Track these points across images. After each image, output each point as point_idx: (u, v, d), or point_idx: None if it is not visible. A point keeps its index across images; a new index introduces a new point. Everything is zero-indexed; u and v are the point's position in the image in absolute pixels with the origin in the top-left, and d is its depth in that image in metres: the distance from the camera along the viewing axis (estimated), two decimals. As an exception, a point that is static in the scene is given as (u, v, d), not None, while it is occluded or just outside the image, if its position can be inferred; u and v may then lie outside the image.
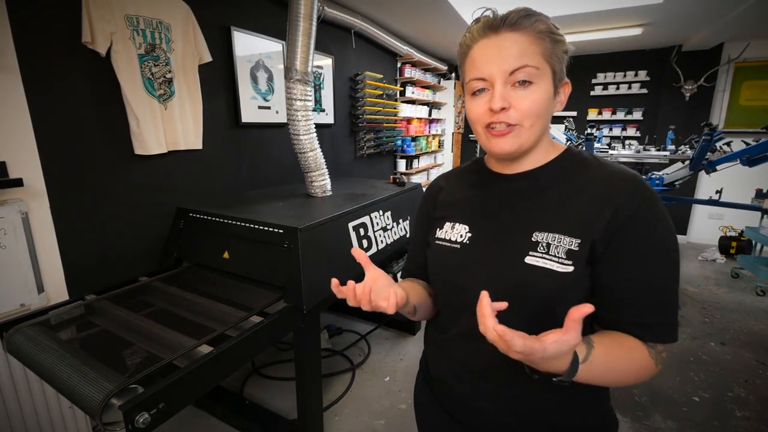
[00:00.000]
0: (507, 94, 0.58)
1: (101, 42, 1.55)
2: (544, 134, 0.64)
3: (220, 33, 2.15)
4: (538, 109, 0.59)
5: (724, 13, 3.12)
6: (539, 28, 0.58)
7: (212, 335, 1.18)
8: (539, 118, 0.59)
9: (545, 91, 0.59)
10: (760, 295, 3.21)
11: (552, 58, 0.59)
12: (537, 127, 0.60)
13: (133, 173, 1.78)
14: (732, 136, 3.89)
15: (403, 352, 2.41)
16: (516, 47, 0.57)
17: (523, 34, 0.57)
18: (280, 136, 2.64)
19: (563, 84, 0.63)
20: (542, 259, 0.59)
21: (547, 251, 0.59)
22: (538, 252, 0.60)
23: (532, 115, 0.58)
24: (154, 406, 0.89)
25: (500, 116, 0.59)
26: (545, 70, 0.59)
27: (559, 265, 0.58)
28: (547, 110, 0.60)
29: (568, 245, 0.58)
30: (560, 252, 0.58)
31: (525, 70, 0.57)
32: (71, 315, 1.34)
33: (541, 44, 0.58)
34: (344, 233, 1.71)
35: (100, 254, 1.69)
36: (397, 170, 4.50)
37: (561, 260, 0.58)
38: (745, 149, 2.73)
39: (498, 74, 0.58)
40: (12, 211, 1.35)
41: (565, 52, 0.61)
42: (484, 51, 0.59)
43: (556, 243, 0.59)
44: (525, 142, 0.61)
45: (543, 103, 0.59)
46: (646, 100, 4.70)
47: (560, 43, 0.60)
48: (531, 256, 0.60)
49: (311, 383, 1.53)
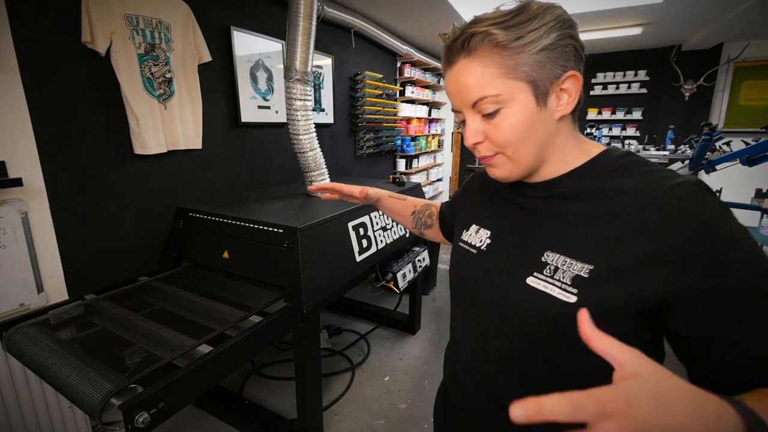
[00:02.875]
0: (479, 127, 0.53)
1: (101, 42, 1.55)
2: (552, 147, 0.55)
3: (219, 33, 2.15)
4: (513, 136, 0.52)
5: (724, 13, 3.12)
6: (493, 41, 0.49)
7: (212, 335, 1.18)
8: (522, 142, 0.52)
9: (521, 112, 0.51)
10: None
11: (520, 71, 0.49)
12: (522, 152, 0.53)
13: (132, 173, 1.78)
14: (731, 136, 3.89)
15: (402, 351, 2.41)
16: (471, 77, 0.51)
17: (476, 57, 0.50)
18: (280, 136, 2.64)
19: (562, 81, 0.51)
20: (543, 282, 0.52)
21: (553, 275, 0.52)
22: (544, 274, 0.53)
23: (509, 143, 0.53)
24: (154, 406, 0.89)
25: (479, 149, 0.55)
26: (514, 90, 0.50)
27: (561, 291, 0.50)
28: (532, 130, 0.52)
29: (577, 270, 0.49)
30: (566, 277, 0.50)
31: (485, 101, 0.51)
32: (71, 315, 1.34)
33: (500, 62, 0.49)
34: (344, 233, 1.70)
35: (100, 254, 1.69)
36: (396, 170, 4.50)
37: (564, 287, 0.50)
38: (745, 149, 2.73)
39: (463, 108, 0.54)
40: (11, 211, 1.35)
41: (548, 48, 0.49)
42: (447, 85, 0.55)
43: (565, 268, 0.51)
44: (514, 169, 0.55)
45: (521, 127, 0.51)
46: (645, 100, 4.71)
47: (529, 44, 0.48)
48: (534, 277, 0.53)
49: (311, 383, 1.53)
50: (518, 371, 0.57)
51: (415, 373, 2.19)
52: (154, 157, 1.84)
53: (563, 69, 0.51)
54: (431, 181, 5.21)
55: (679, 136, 4.33)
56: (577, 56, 0.52)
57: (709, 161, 2.94)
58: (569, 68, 0.51)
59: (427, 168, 5.07)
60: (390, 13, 3.21)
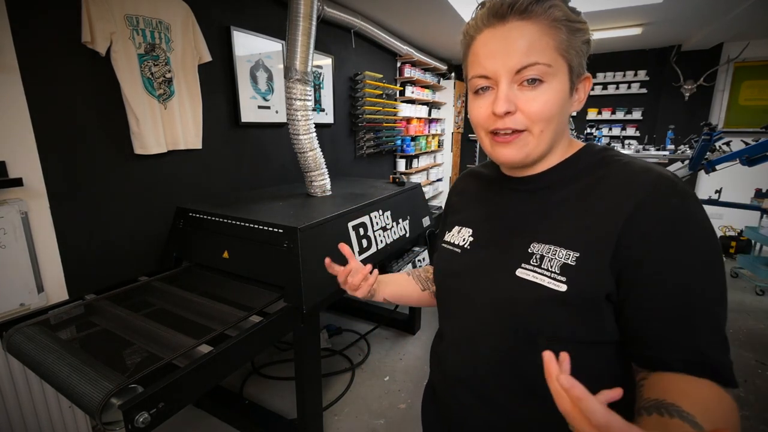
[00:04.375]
0: (513, 96, 0.50)
1: (101, 42, 1.55)
2: (560, 137, 0.56)
3: (219, 33, 2.15)
4: (549, 112, 0.50)
5: (724, 13, 3.12)
6: (554, 15, 0.49)
7: (212, 335, 1.18)
8: (551, 122, 0.51)
9: (559, 90, 0.50)
10: (760, 294, 3.21)
11: (569, 52, 0.50)
12: (548, 132, 0.52)
13: (132, 173, 1.78)
14: (731, 136, 3.89)
15: (402, 351, 2.41)
16: (525, 40, 0.48)
17: (535, 23, 0.49)
18: (280, 136, 2.64)
19: (582, 79, 0.54)
20: (532, 273, 0.52)
21: (540, 264, 0.52)
22: (531, 264, 0.53)
23: (542, 119, 0.50)
24: (154, 406, 0.89)
25: (505, 121, 0.51)
26: (560, 66, 0.50)
27: (551, 280, 0.50)
28: (561, 112, 0.52)
29: (564, 258, 0.50)
30: (554, 266, 0.50)
31: (535, 68, 0.49)
32: (71, 315, 1.34)
33: (556, 35, 0.49)
34: (344, 233, 1.70)
35: (100, 254, 1.69)
36: (396, 170, 4.50)
37: (554, 276, 0.50)
38: (745, 149, 2.74)
39: (503, 72, 0.50)
40: (12, 211, 1.35)
41: (585, 43, 0.52)
42: (488, 44, 0.51)
43: (551, 255, 0.51)
44: (533, 150, 0.53)
45: (556, 105, 0.50)
46: (645, 100, 4.71)
47: (580, 32, 0.51)
48: (523, 268, 0.53)
49: (311, 383, 1.53)
50: (509, 367, 0.56)
51: (415, 373, 2.19)
52: (154, 157, 1.84)
53: (584, 69, 0.54)
54: (431, 181, 5.21)
55: (679, 136, 4.33)
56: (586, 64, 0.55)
57: (708, 161, 2.94)
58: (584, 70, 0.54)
59: (427, 168, 5.07)
60: (390, 13, 3.21)
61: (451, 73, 5.40)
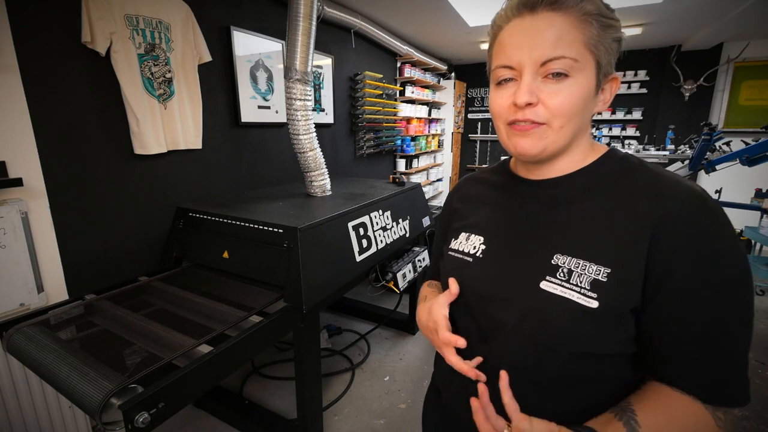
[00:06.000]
0: (536, 87, 0.49)
1: (101, 42, 1.55)
2: (581, 137, 0.54)
3: (219, 33, 2.15)
4: (571, 108, 0.49)
5: (724, 13, 3.12)
6: (586, 8, 0.47)
7: (212, 335, 1.18)
8: (572, 118, 0.50)
9: (584, 87, 0.49)
10: (760, 294, 3.21)
11: (598, 48, 0.49)
12: (568, 128, 0.51)
13: (133, 173, 1.78)
14: (731, 136, 3.90)
15: (402, 351, 2.41)
16: (553, 32, 0.47)
17: (566, 15, 0.47)
18: (280, 136, 2.64)
19: (610, 79, 0.52)
20: (560, 287, 0.50)
21: (568, 279, 0.50)
22: (557, 278, 0.50)
23: (563, 114, 0.49)
24: (154, 406, 0.89)
25: (526, 112, 0.50)
26: (587, 62, 0.49)
27: (581, 296, 0.48)
28: (584, 110, 0.51)
29: (594, 275, 0.48)
30: (584, 282, 0.49)
31: (561, 62, 0.47)
32: (71, 315, 1.34)
33: (587, 29, 0.48)
34: (344, 233, 1.70)
35: (100, 254, 1.69)
36: (396, 170, 4.50)
37: (584, 291, 0.48)
38: (745, 149, 2.74)
39: (528, 63, 0.49)
40: (12, 211, 1.35)
41: (617, 41, 0.50)
42: (515, 34, 0.50)
43: (580, 271, 0.49)
44: (551, 144, 0.52)
45: (579, 102, 0.49)
46: (645, 100, 4.71)
47: (611, 28, 0.49)
48: (548, 281, 0.51)
49: (311, 383, 1.53)
50: (528, 378, 0.54)
51: (415, 373, 2.19)
52: (154, 157, 1.84)
53: (613, 68, 0.52)
54: (431, 181, 5.21)
55: (679, 136, 4.33)
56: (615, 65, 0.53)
57: (709, 161, 2.94)
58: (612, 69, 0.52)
59: (427, 168, 5.07)
60: (390, 13, 3.21)
61: (451, 73, 5.40)
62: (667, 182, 0.49)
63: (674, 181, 0.49)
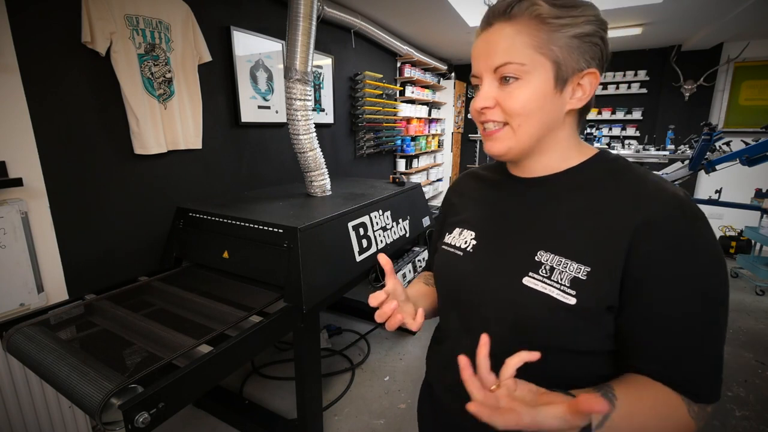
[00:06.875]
0: (495, 92, 0.54)
1: (101, 42, 1.55)
2: (556, 135, 0.57)
3: (219, 33, 2.15)
4: (523, 108, 0.53)
5: (724, 13, 3.13)
6: (536, 13, 0.50)
7: (212, 335, 1.18)
8: (529, 117, 0.53)
9: (536, 88, 0.52)
10: (760, 294, 3.21)
11: (551, 48, 0.51)
12: (527, 127, 0.54)
13: (133, 173, 1.78)
14: (731, 136, 3.90)
15: (402, 351, 2.41)
16: (504, 41, 0.51)
17: (516, 24, 0.51)
18: (280, 136, 2.64)
19: (582, 75, 0.53)
20: (542, 283, 0.52)
21: (550, 276, 0.52)
22: (540, 275, 0.53)
23: (517, 114, 0.53)
24: (154, 406, 0.89)
25: (486, 114, 0.55)
26: (539, 64, 0.51)
27: (561, 293, 0.51)
28: (542, 109, 0.53)
29: (575, 272, 0.50)
30: (564, 279, 0.51)
31: (509, 67, 0.51)
32: (71, 315, 1.34)
33: (536, 34, 0.50)
34: (344, 233, 1.70)
35: (100, 254, 1.69)
36: (396, 170, 4.50)
37: (564, 288, 0.51)
38: (745, 149, 2.74)
39: (485, 71, 0.54)
40: (12, 211, 1.35)
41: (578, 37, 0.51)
42: (477, 46, 0.56)
43: (561, 268, 0.52)
44: (515, 144, 0.55)
45: (531, 102, 0.52)
46: (645, 100, 4.71)
47: (566, 27, 0.50)
48: (530, 277, 0.53)
49: (311, 383, 1.53)
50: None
51: (415, 373, 2.19)
52: (154, 157, 1.84)
53: (587, 63, 0.53)
54: (431, 181, 5.21)
55: (679, 136, 4.33)
56: (601, 58, 0.54)
57: (709, 161, 2.95)
58: (592, 65, 0.53)
59: (427, 168, 5.07)
60: (390, 13, 3.21)
61: (451, 73, 5.40)
62: (651, 187, 0.51)
63: (657, 185, 0.51)
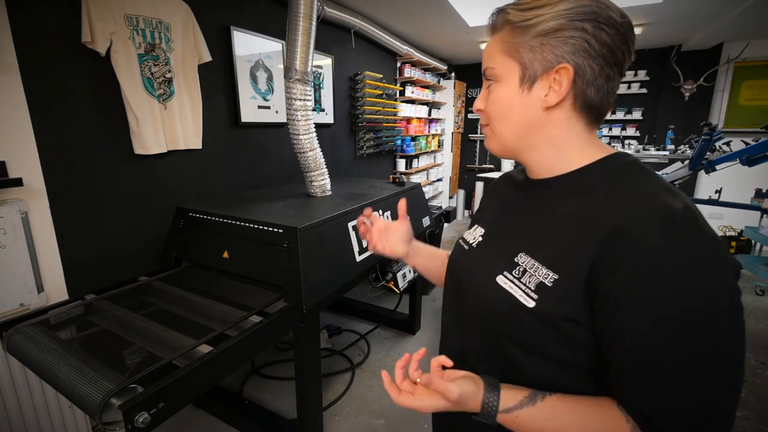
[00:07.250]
0: (483, 95, 0.59)
1: (101, 42, 1.55)
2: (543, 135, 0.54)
3: (219, 33, 2.15)
4: (494, 110, 0.56)
5: (724, 13, 3.12)
6: (507, 19, 0.53)
7: (212, 335, 1.18)
8: (501, 118, 0.56)
9: (504, 91, 0.54)
10: (760, 294, 3.22)
11: (518, 51, 0.52)
12: (502, 126, 0.56)
13: (132, 173, 1.78)
14: (731, 136, 3.89)
15: (402, 351, 2.41)
16: (487, 49, 0.57)
17: (497, 34, 0.55)
18: (280, 136, 2.64)
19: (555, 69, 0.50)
20: (510, 283, 0.53)
21: (520, 278, 0.52)
22: (512, 275, 0.53)
23: (493, 116, 0.57)
24: (154, 406, 0.89)
25: (481, 116, 0.61)
26: (507, 67, 0.53)
27: (523, 294, 0.51)
28: (512, 109, 0.54)
29: (542, 278, 0.50)
30: (531, 283, 0.51)
31: (487, 72, 0.56)
32: (71, 315, 1.34)
33: (506, 40, 0.53)
34: (344, 233, 1.70)
35: (100, 254, 1.69)
36: (396, 170, 4.50)
37: (527, 291, 0.51)
38: (745, 149, 2.74)
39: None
40: (12, 211, 1.35)
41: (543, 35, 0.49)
42: None
43: (532, 272, 0.51)
44: (497, 143, 0.59)
45: (501, 102, 0.55)
46: (645, 100, 4.71)
47: (528, 28, 0.50)
48: (504, 276, 0.55)
49: (311, 383, 1.53)
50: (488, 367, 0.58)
51: (415, 373, 2.19)
52: (154, 157, 1.84)
53: (558, 60, 0.49)
54: (431, 181, 5.21)
55: (679, 136, 4.33)
56: (587, 51, 0.48)
57: (709, 161, 2.94)
58: (565, 60, 0.49)
59: (427, 168, 5.07)
60: (390, 13, 3.21)
61: (451, 73, 5.40)
62: (636, 195, 0.46)
63: (645, 194, 0.46)
